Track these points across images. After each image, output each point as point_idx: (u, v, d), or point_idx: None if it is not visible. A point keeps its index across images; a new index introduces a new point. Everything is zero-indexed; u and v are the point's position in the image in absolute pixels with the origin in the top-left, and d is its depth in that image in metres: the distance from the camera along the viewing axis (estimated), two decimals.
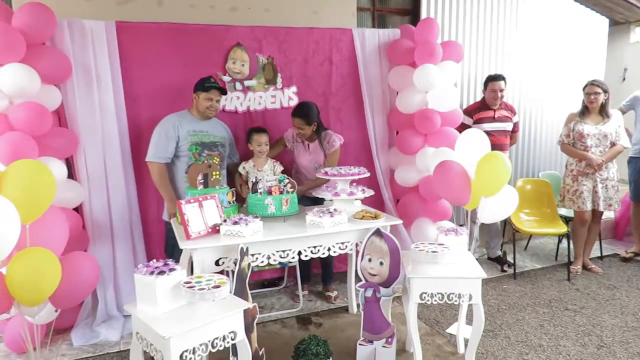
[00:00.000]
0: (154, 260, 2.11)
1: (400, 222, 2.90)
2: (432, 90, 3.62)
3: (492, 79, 4.08)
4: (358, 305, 3.24)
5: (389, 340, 2.63)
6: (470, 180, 2.91)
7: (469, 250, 2.83)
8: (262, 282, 3.84)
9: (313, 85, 3.72)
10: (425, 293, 2.45)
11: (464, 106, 4.38)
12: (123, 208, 3.20)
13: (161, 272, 1.99)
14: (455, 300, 2.44)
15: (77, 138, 3.01)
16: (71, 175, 3.08)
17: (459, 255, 2.61)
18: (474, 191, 2.91)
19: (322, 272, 3.68)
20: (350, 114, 3.91)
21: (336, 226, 2.65)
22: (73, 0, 3.24)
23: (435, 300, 2.44)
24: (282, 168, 3.26)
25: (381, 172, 3.91)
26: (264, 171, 3.17)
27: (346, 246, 2.73)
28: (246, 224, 2.48)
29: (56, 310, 2.49)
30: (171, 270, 2.03)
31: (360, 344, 2.65)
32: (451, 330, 3.07)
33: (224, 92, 3.17)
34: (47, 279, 2.09)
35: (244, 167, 3.21)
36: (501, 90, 4.04)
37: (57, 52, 2.86)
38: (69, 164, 3.07)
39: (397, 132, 3.96)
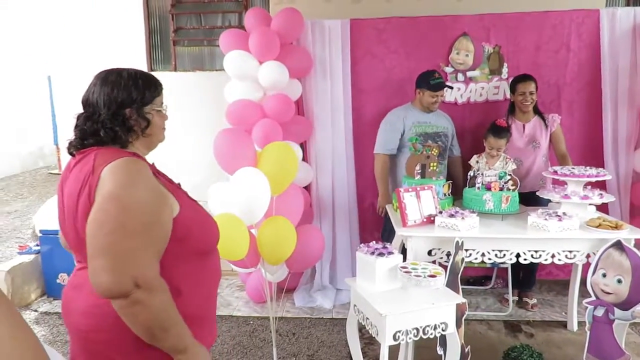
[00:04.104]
0: (374, 242, 2.26)
1: None
2: None
3: None
4: (580, 323, 2.91)
5: None
6: None
7: None
8: (467, 278, 3.74)
9: (544, 75, 3.39)
10: None
11: None
12: (343, 192, 3.52)
13: (380, 254, 2.13)
14: None
15: (311, 125, 3.41)
16: (303, 158, 3.51)
17: None
18: None
19: (523, 276, 3.39)
20: (584, 107, 3.45)
21: (564, 232, 2.39)
22: (316, 2, 3.64)
23: None
24: (514, 166, 3.04)
25: (619, 175, 3.35)
26: (495, 168, 3.04)
27: (574, 255, 2.44)
28: (462, 218, 2.45)
29: (289, 272, 2.92)
30: (389, 253, 2.15)
31: None
32: None
33: (450, 87, 3.18)
34: (286, 244, 2.47)
35: (477, 161, 3.12)
36: None
37: (303, 50, 3.29)
38: (302, 147, 3.52)
39: None
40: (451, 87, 3.28)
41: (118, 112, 1.19)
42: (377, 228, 3.46)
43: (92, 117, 1.19)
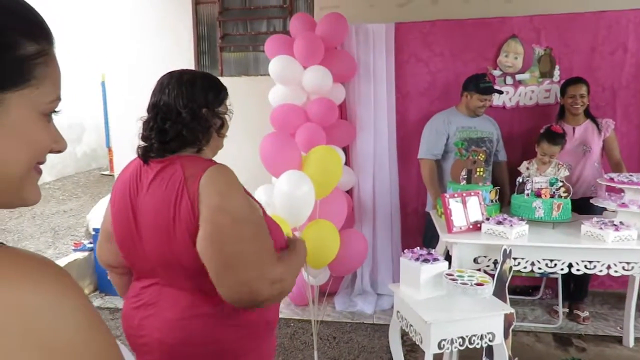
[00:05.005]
0: (418, 248, 2.23)
1: None
2: None
3: None
4: (637, 339, 2.76)
5: None
6: None
7: None
8: (513, 288, 3.61)
9: (599, 77, 3.25)
10: None
11: None
12: (385, 196, 3.49)
13: (425, 260, 2.10)
14: None
15: (354, 129, 3.41)
16: (346, 162, 3.51)
17: None
18: None
19: (574, 287, 3.23)
20: None
21: (622, 242, 2.28)
22: (360, 6, 3.64)
23: None
24: (567, 173, 2.92)
25: None
26: (546, 174, 2.93)
27: (632, 267, 2.31)
28: (510, 226, 2.38)
29: (330, 276, 2.92)
30: (435, 260, 2.11)
31: None
32: None
33: (500, 92, 3.09)
34: (330, 248, 2.47)
35: (527, 168, 3.02)
36: None
37: (347, 55, 3.30)
38: (345, 151, 3.51)
39: None
40: (501, 92, 3.19)
41: (197, 112, 1.18)
42: (419, 233, 3.41)
43: (170, 117, 1.16)
